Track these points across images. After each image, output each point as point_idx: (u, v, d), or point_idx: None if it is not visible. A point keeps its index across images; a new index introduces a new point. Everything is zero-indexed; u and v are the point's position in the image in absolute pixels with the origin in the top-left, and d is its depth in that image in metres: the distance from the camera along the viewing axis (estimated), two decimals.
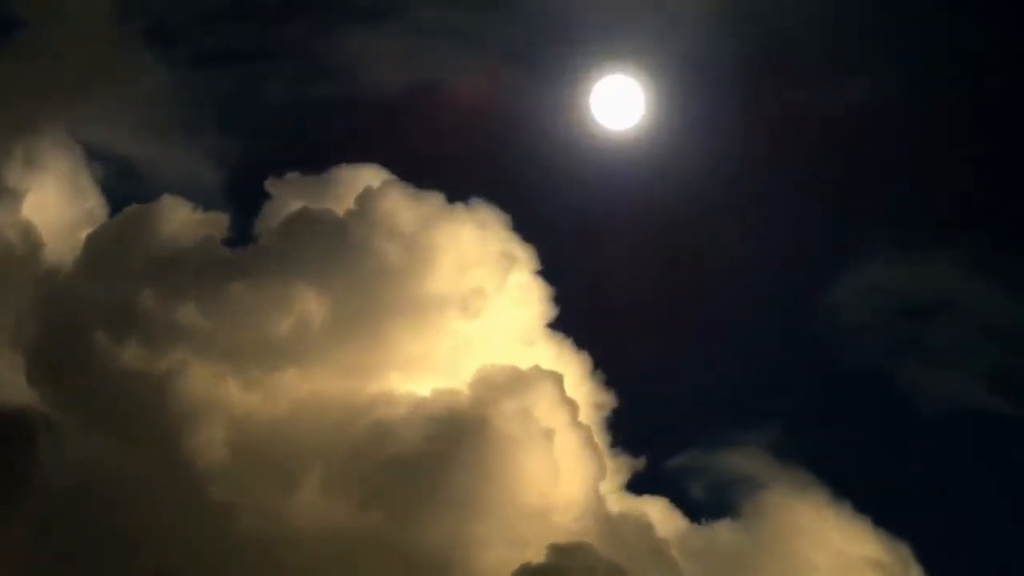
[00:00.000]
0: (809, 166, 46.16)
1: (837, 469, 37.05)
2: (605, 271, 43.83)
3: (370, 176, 36.20)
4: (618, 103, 43.17)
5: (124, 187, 37.41)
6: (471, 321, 34.52)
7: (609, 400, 36.26)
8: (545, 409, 33.22)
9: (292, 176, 36.61)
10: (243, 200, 37.88)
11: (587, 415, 35.27)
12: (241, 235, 35.38)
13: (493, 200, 36.66)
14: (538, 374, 33.90)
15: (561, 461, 32.83)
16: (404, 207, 35.23)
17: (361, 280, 33.84)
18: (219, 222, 35.25)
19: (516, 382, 33.39)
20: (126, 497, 30.76)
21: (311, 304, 33.07)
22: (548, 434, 32.70)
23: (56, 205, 35.90)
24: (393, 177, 36.25)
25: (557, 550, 30.53)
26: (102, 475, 31.14)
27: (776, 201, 46.08)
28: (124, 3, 36.49)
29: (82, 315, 32.25)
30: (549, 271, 36.63)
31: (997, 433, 44.79)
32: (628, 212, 44.80)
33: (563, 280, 37.41)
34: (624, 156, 44.22)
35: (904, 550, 35.68)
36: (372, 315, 33.64)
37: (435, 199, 35.84)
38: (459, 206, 36.21)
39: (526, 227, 36.81)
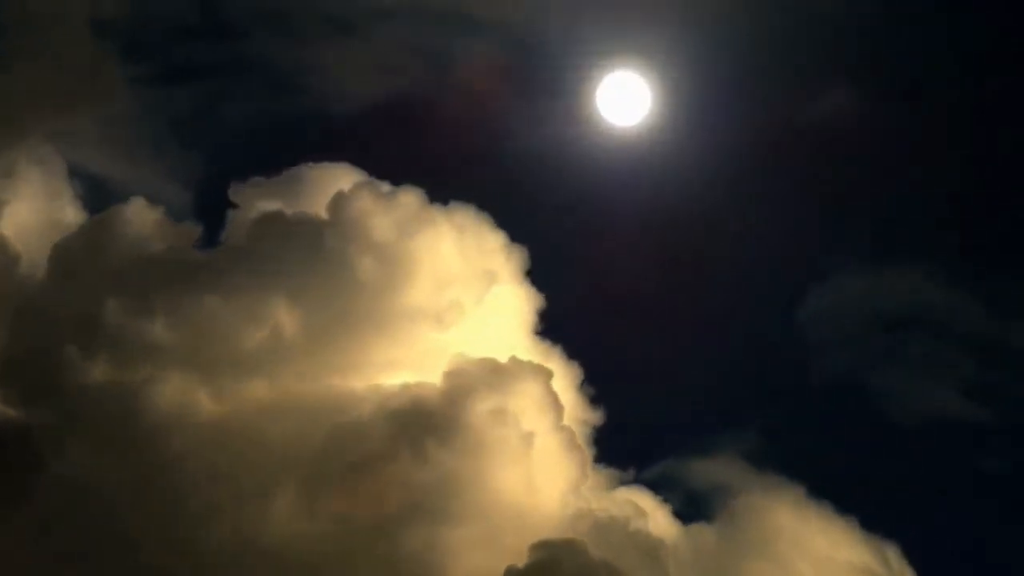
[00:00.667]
0: (798, 172, 46.32)
1: (813, 476, 37.07)
2: (596, 273, 44.14)
3: (341, 177, 35.87)
4: (624, 99, 43.27)
5: (98, 203, 37.33)
6: (451, 330, 34.22)
7: (595, 416, 36.26)
8: (526, 407, 32.91)
9: (256, 180, 36.07)
10: (214, 216, 37.49)
11: (574, 425, 35.03)
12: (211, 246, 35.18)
13: (487, 201, 36.72)
14: (519, 368, 33.57)
15: (542, 461, 32.60)
16: (380, 211, 34.78)
17: (334, 286, 33.51)
18: (189, 233, 35.21)
19: (494, 377, 33.06)
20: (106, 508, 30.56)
21: (281, 311, 32.80)
22: (528, 436, 32.38)
23: (34, 218, 35.95)
24: (367, 178, 35.85)
25: (545, 547, 30.18)
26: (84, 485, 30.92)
27: (761, 208, 46.28)
28: (99, 19, 36.62)
29: (51, 328, 32.22)
30: (543, 273, 36.89)
31: (973, 442, 45.04)
32: (626, 211, 44.90)
33: (556, 283, 37.99)
34: (629, 153, 44.35)
35: (890, 551, 35.81)
36: (345, 323, 33.30)
37: (414, 201, 35.45)
38: (445, 210, 36.00)
39: (520, 228, 37.02)
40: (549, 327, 36.47)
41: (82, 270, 33.29)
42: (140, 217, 34.62)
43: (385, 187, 35.46)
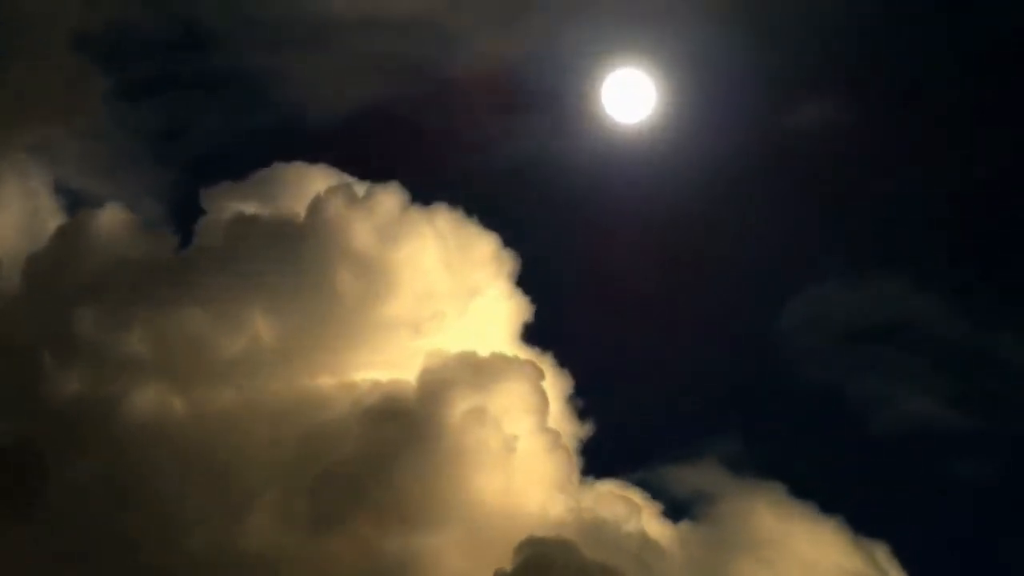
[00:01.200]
0: (799, 172, 46.10)
1: (795, 484, 36.95)
2: (592, 276, 44.09)
3: (317, 178, 35.30)
4: (629, 97, 43.02)
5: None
6: (437, 337, 33.83)
7: (583, 427, 35.90)
8: (510, 406, 32.60)
9: (226, 184, 35.59)
10: (190, 228, 36.83)
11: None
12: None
13: (481, 204, 36.49)
14: (506, 365, 33.18)
15: (527, 462, 32.39)
16: (361, 215, 34.22)
17: (312, 291, 33.11)
18: (162, 239, 35.06)
19: (477, 375, 32.66)
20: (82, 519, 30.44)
21: (256, 317, 32.52)
22: (513, 436, 32.09)
23: (13, 230, 35.93)
24: (343, 179, 35.22)
25: (531, 545, 29.87)
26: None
27: (753, 211, 46.07)
28: (80, 32, 36.62)
29: (26, 339, 32.04)
30: (539, 276, 36.77)
31: (955, 451, 44.68)
32: (626, 211, 44.82)
33: (551, 287, 38.10)
34: (635, 149, 44.19)
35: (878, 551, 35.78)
36: (323, 329, 32.94)
37: (398, 204, 34.95)
38: (433, 213, 35.54)
39: (516, 231, 37.02)
40: (539, 334, 36.30)
41: (55, 278, 33.17)
42: (113, 222, 34.46)
43: (367, 189, 35.00)
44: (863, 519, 36.03)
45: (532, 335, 36.16)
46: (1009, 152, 46.14)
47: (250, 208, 34.52)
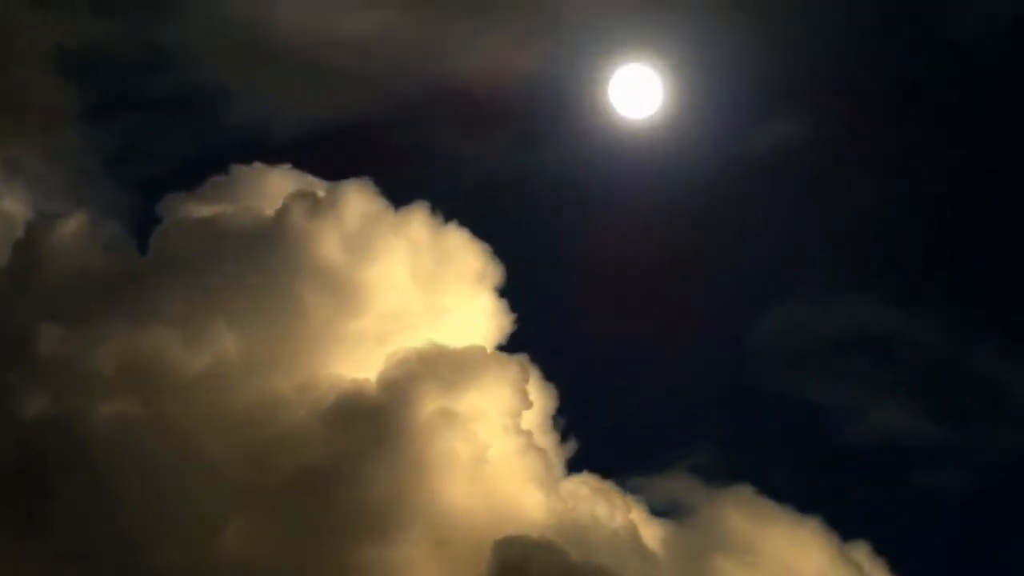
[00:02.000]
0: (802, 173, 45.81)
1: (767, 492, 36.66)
2: (571, 283, 44.26)
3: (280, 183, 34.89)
4: (637, 92, 43.11)
5: None
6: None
7: (568, 448, 35.42)
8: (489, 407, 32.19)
9: (181, 194, 34.90)
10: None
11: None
12: None
13: (468, 210, 36.04)
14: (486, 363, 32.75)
15: (504, 463, 31.92)
16: (331, 221, 33.69)
17: (281, 300, 32.58)
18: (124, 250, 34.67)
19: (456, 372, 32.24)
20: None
21: (220, 328, 31.96)
22: (492, 437, 31.69)
23: None
24: (307, 183, 34.73)
25: (512, 545, 29.47)
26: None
27: (747, 215, 46.08)
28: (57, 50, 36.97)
29: None
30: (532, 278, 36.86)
31: (924, 461, 44.89)
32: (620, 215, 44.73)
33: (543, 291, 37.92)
34: (642, 145, 44.23)
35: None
36: (292, 339, 32.40)
37: (377, 208, 34.43)
38: (407, 216, 34.94)
39: (511, 234, 37.65)
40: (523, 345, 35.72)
41: (15, 292, 32.97)
42: (72, 231, 34.11)
43: (331, 189, 34.48)
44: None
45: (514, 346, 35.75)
46: (998, 160, 45.93)
47: (207, 212, 34.13)
